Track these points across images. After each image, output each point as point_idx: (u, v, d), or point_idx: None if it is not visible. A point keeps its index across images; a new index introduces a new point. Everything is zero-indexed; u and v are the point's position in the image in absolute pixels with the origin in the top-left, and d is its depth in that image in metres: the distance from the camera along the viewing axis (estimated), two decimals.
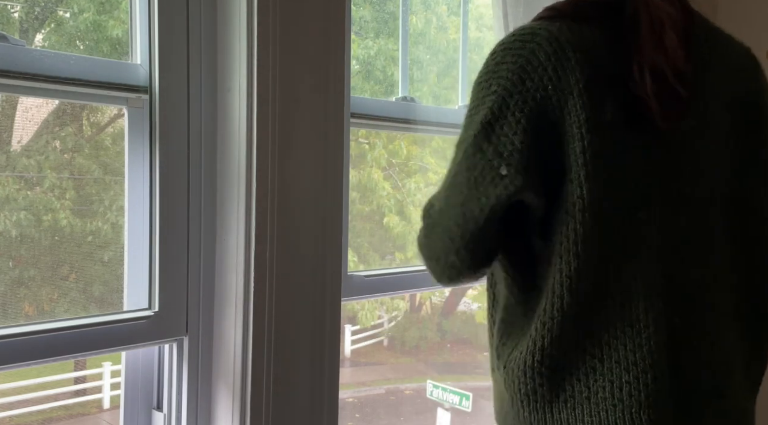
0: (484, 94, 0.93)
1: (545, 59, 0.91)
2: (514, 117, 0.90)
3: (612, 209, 0.92)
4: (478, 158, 0.90)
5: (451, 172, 0.95)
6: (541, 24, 0.94)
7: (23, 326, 1.10)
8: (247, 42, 1.23)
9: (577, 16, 0.95)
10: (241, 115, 1.25)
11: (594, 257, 0.92)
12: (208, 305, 1.30)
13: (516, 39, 0.94)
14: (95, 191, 1.33)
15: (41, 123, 1.30)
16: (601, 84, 0.91)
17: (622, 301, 0.93)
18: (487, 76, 0.94)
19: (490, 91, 0.92)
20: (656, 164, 0.95)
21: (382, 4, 2.11)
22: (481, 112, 0.92)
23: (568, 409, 0.94)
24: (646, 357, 0.92)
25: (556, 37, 0.91)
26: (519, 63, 0.91)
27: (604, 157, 0.91)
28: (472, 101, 0.96)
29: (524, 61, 0.91)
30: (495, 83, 0.92)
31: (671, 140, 0.96)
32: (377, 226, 2.31)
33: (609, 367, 0.92)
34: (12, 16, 1.24)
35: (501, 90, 0.91)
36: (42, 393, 2.16)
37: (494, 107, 0.91)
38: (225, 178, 1.28)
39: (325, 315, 1.36)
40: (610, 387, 0.92)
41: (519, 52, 0.92)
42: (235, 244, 1.26)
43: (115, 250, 1.29)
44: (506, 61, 0.93)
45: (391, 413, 5.11)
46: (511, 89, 0.91)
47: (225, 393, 1.28)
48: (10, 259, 1.20)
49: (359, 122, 1.68)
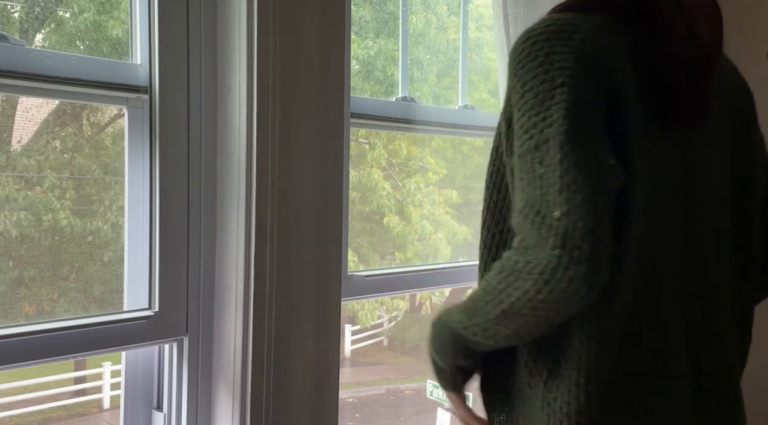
0: (549, 87, 0.84)
1: (597, 49, 0.86)
2: (593, 106, 0.84)
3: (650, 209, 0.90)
4: (579, 153, 0.81)
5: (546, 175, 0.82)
6: (574, 16, 0.89)
7: (23, 326, 1.10)
8: (247, 42, 1.23)
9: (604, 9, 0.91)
10: (241, 115, 1.25)
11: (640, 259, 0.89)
12: (208, 305, 1.30)
13: (557, 29, 0.87)
14: (95, 191, 1.33)
15: (41, 123, 1.30)
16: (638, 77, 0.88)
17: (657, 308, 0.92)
18: (541, 67, 0.85)
19: (557, 84, 0.84)
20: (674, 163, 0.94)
21: (382, 4, 2.11)
22: (556, 106, 0.83)
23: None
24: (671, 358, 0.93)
25: (598, 27, 0.88)
26: (574, 53, 0.85)
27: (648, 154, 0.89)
28: (524, 96, 0.86)
29: (578, 51, 0.85)
30: (558, 74, 0.84)
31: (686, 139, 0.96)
32: (377, 226, 2.31)
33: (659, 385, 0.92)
34: (12, 16, 1.24)
35: (570, 81, 0.84)
36: (42, 393, 2.16)
37: (571, 99, 0.83)
38: (225, 178, 1.28)
39: (325, 315, 1.36)
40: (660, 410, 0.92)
41: (568, 42, 0.86)
42: (235, 244, 1.26)
43: (115, 250, 1.29)
44: (557, 50, 0.85)
45: (391, 413, 5.11)
46: (578, 78, 0.84)
47: (225, 393, 1.28)
48: (10, 259, 1.20)
49: (359, 122, 1.68)
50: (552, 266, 0.78)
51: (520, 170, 0.84)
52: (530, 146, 0.84)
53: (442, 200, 2.45)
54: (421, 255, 2.25)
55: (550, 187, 0.81)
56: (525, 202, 0.82)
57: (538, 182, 0.82)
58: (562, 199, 0.79)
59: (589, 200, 0.79)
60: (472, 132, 2.01)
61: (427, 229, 2.32)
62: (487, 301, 0.85)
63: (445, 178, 2.43)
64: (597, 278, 0.78)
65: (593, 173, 0.81)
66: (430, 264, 2.06)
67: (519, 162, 0.85)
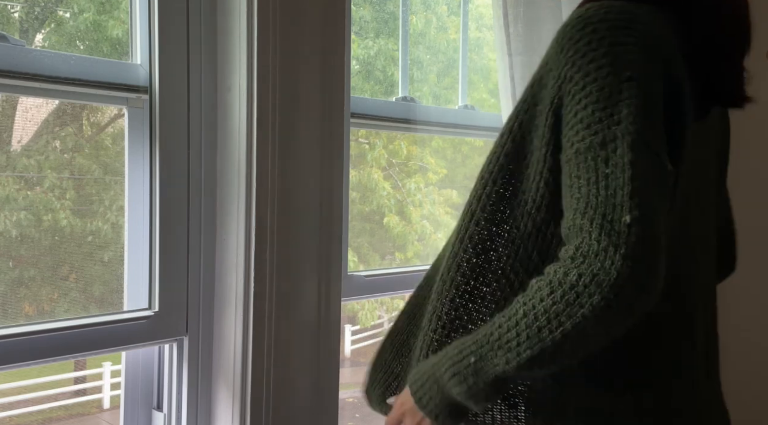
0: (616, 80, 0.79)
1: (657, 40, 0.83)
2: (657, 104, 0.81)
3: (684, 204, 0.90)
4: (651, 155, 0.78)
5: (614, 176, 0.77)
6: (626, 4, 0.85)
7: (23, 326, 1.10)
8: (247, 42, 1.23)
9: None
10: (241, 115, 1.25)
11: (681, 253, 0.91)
12: (208, 305, 1.30)
13: (617, 18, 0.82)
14: (95, 191, 1.33)
15: (41, 123, 1.29)
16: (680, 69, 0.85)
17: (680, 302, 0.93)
18: (606, 58, 0.80)
19: (624, 78, 0.79)
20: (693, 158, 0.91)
21: (382, 4, 2.11)
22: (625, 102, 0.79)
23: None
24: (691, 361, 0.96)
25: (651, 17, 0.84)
26: (639, 45, 0.81)
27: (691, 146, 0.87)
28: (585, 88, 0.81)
29: (643, 43, 0.81)
30: (625, 67, 0.80)
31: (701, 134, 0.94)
32: (377, 226, 2.30)
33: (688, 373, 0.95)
34: (12, 16, 1.24)
35: (639, 76, 0.80)
36: (42, 393, 2.16)
37: (642, 95, 0.79)
38: (225, 178, 1.28)
39: (325, 315, 1.36)
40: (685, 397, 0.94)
41: (632, 33, 0.82)
42: (235, 244, 1.26)
43: (115, 250, 1.29)
44: (621, 41, 0.81)
45: None
46: (645, 73, 0.81)
47: (225, 393, 1.28)
48: (10, 259, 1.19)
49: (359, 122, 1.68)
50: (624, 277, 0.72)
51: (577, 168, 0.79)
52: (594, 142, 0.78)
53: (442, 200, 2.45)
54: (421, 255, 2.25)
55: (619, 189, 0.76)
56: (587, 203, 0.77)
57: (603, 183, 0.76)
58: (634, 203, 0.74)
59: (659, 207, 0.76)
60: (472, 132, 2.01)
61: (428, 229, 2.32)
62: (540, 327, 0.76)
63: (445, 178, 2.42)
64: (658, 288, 0.75)
65: (662, 178, 0.78)
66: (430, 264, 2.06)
67: (576, 159, 0.79)
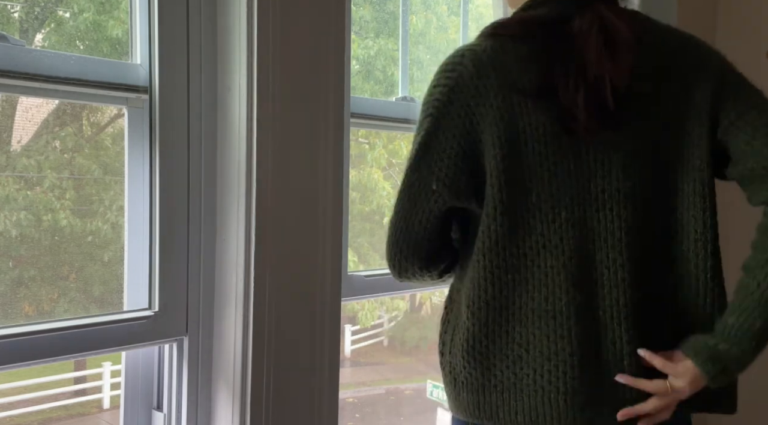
0: (423, 116, 1.07)
1: (469, 79, 1.04)
2: (444, 136, 1.05)
3: (531, 210, 1.04)
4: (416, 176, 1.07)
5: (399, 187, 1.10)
6: (473, 44, 1.07)
7: (23, 326, 1.10)
8: (247, 42, 1.23)
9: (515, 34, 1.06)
10: (241, 115, 1.25)
11: (514, 254, 1.05)
12: (208, 305, 1.30)
13: (449, 61, 1.07)
14: (95, 191, 1.33)
15: (41, 123, 1.29)
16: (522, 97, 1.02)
17: (546, 295, 1.04)
18: (427, 97, 1.07)
19: (427, 114, 1.06)
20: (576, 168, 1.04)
21: (382, 4, 2.11)
22: (420, 134, 1.07)
23: (497, 393, 1.07)
24: (566, 348, 1.03)
25: (479, 57, 1.04)
26: (449, 85, 1.05)
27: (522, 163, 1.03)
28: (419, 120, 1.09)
29: (453, 83, 1.04)
30: (431, 106, 1.06)
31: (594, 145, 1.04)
32: (377, 226, 2.30)
33: (533, 356, 1.04)
34: (12, 16, 1.24)
35: (435, 112, 1.05)
36: (42, 393, 2.16)
37: (430, 128, 1.05)
38: (225, 178, 1.28)
39: (325, 315, 1.36)
40: (533, 375, 1.04)
41: (450, 74, 1.05)
42: (235, 244, 1.26)
43: (115, 250, 1.29)
44: (440, 83, 1.06)
45: (391, 413, 5.12)
46: (442, 110, 1.05)
47: (225, 393, 1.28)
48: (10, 259, 1.19)
49: (359, 121, 1.68)
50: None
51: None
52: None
53: None
54: None
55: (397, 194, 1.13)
56: None
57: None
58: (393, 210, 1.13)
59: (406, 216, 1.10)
60: None
61: None
62: None
63: None
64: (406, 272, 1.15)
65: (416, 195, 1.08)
66: None
67: None
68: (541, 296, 1.05)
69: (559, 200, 1.04)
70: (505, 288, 1.06)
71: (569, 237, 1.04)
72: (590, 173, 1.04)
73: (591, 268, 1.05)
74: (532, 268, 1.05)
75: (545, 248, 1.05)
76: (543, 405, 1.04)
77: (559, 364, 1.03)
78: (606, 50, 1.03)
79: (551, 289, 1.04)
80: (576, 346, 1.03)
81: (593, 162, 1.05)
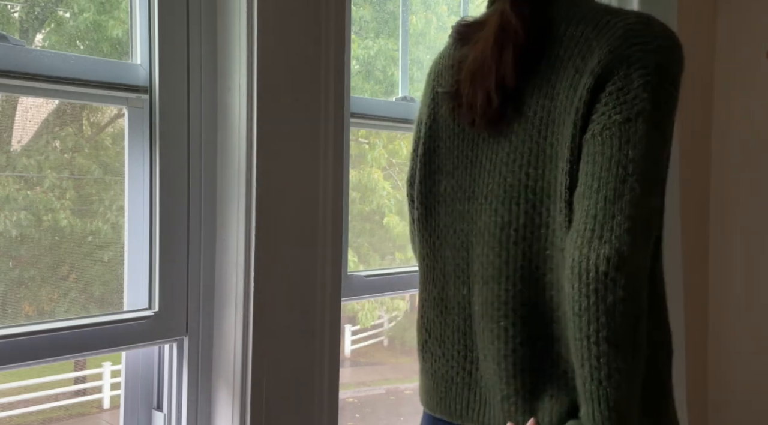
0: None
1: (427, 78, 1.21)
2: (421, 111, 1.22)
3: (440, 201, 1.13)
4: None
5: None
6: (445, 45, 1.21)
7: (23, 326, 1.10)
8: (247, 42, 1.23)
9: (462, 37, 1.14)
10: (241, 115, 1.25)
11: (428, 242, 1.14)
12: (208, 305, 1.30)
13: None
14: (95, 191, 1.33)
15: (41, 123, 1.29)
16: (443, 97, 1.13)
17: (442, 284, 1.12)
18: None
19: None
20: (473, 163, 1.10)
21: (382, 4, 2.11)
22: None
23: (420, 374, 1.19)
24: (451, 336, 1.12)
25: (436, 59, 1.21)
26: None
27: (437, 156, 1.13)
28: None
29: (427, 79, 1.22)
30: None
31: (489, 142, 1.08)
32: (377, 226, 2.30)
33: (432, 342, 1.14)
34: (12, 16, 1.24)
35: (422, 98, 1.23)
36: (42, 393, 2.16)
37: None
38: (225, 178, 1.28)
39: (325, 315, 1.36)
40: (430, 358, 1.14)
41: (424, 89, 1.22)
42: (235, 244, 1.26)
43: (115, 250, 1.29)
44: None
45: (391, 413, 5.11)
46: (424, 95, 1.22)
47: (225, 393, 1.28)
48: (10, 259, 1.19)
49: (359, 121, 1.68)
50: None
51: None
52: None
53: None
54: None
55: None
56: None
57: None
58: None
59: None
60: None
61: None
62: None
63: None
64: None
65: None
66: None
67: None
68: (440, 285, 1.13)
69: (456, 192, 1.10)
70: (422, 276, 1.17)
71: (459, 229, 1.09)
72: (482, 169, 1.08)
73: (472, 262, 1.07)
74: (437, 257, 1.13)
75: (445, 239, 1.12)
76: (432, 389, 1.15)
77: (445, 351, 1.11)
78: (495, 47, 1.03)
79: (446, 279, 1.10)
80: (458, 337, 1.09)
81: (484, 157, 1.08)
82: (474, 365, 1.08)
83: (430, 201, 1.14)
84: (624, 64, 0.92)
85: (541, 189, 1.01)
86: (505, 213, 1.03)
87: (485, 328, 1.04)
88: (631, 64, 0.92)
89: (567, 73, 0.98)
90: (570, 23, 1.01)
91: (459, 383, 1.10)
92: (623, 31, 0.94)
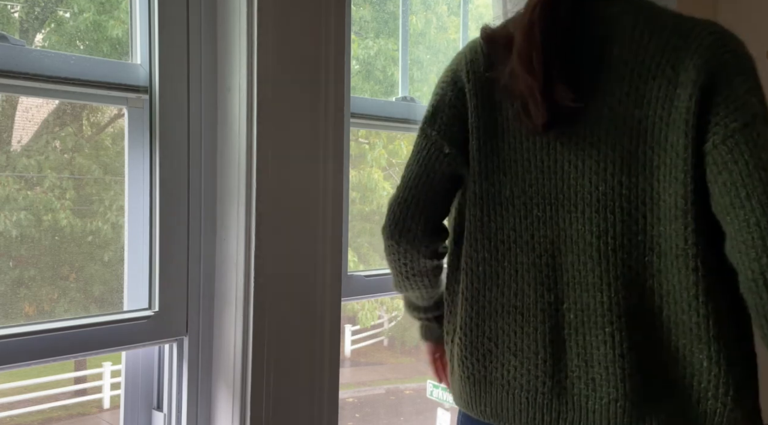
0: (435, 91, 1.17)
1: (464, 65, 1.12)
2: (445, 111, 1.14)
3: (504, 204, 1.08)
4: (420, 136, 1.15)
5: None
6: (470, 43, 1.16)
7: (23, 326, 1.10)
8: (247, 42, 1.23)
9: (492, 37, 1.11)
10: (241, 115, 1.25)
11: (485, 246, 1.08)
12: (208, 305, 1.30)
13: (458, 53, 1.17)
14: (95, 191, 1.33)
15: (41, 123, 1.29)
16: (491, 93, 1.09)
17: (515, 290, 1.06)
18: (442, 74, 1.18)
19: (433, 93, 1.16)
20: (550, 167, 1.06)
21: (382, 4, 2.11)
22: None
23: (470, 384, 1.11)
24: (531, 345, 1.04)
25: (465, 54, 1.14)
26: (452, 68, 1.15)
27: (498, 156, 1.08)
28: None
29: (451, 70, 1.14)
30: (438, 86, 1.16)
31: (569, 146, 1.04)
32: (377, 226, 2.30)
33: (501, 351, 1.07)
34: (12, 16, 1.24)
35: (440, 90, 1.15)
36: (42, 393, 2.16)
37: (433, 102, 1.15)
38: (225, 178, 1.28)
39: (325, 315, 1.36)
40: (500, 369, 1.07)
41: (451, 64, 1.16)
42: (235, 244, 1.26)
43: (115, 250, 1.29)
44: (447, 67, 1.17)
45: (391, 413, 5.12)
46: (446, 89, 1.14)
47: (225, 393, 1.28)
48: (10, 259, 1.19)
49: (359, 122, 1.68)
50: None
51: None
52: None
53: None
54: None
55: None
56: None
57: None
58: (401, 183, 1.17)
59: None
60: None
61: None
62: None
63: None
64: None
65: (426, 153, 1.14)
66: None
67: None
68: (511, 292, 1.07)
69: (531, 198, 1.06)
70: (476, 280, 1.09)
71: (540, 236, 1.05)
72: (563, 174, 1.04)
73: (561, 269, 1.05)
74: (503, 262, 1.08)
75: (516, 244, 1.07)
76: (506, 400, 1.07)
77: (524, 361, 1.05)
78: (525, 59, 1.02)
79: (520, 286, 1.06)
80: (541, 345, 1.04)
81: (566, 163, 1.04)
82: (563, 373, 1.04)
83: (492, 204, 1.08)
84: (723, 72, 0.97)
85: (636, 197, 1.02)
86: (600, 221, 1.03)
87: (587, 334, 1.03)
88: (729, 72, 0.97)
89: (657, 82, 0.99)
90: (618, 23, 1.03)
91: (546, 392, 1.04)
92: (711, 41, 0.99)
